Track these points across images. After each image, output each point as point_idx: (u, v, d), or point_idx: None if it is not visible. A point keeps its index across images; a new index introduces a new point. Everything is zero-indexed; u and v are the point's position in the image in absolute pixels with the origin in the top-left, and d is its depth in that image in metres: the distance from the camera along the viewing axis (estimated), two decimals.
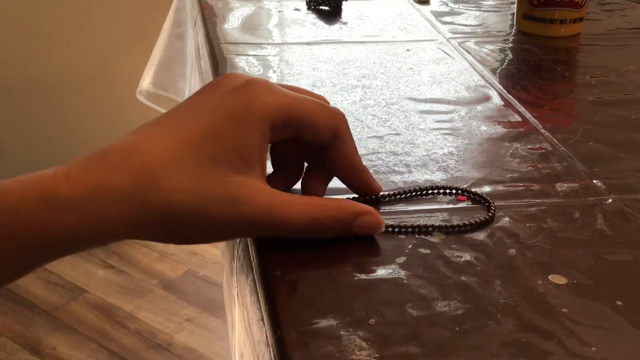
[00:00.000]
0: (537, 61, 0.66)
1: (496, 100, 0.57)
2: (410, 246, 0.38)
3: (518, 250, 0.38)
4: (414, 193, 0.43)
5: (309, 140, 0.37)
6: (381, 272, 0.35)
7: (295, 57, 0.65)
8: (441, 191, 0.43)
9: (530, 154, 0.48)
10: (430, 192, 0.43)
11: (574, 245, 0.38)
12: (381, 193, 0.42)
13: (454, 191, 0.43)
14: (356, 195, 0.41)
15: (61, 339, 1.59)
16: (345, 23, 0.74)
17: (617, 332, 0.32)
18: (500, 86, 0.60)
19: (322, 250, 0.37)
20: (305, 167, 0.41)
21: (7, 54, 1.79)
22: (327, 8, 0.78)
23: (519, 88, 0.59)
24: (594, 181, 0.45)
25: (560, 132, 0.52)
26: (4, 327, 1.60)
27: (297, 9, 0.78)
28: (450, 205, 0.42)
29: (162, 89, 1.03)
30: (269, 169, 0.41)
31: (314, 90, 0.57)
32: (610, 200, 0.43)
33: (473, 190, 0.43)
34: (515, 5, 0.74)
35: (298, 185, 0.41)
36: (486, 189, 0.44)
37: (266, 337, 0.33)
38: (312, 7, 0.78)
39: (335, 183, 0.41)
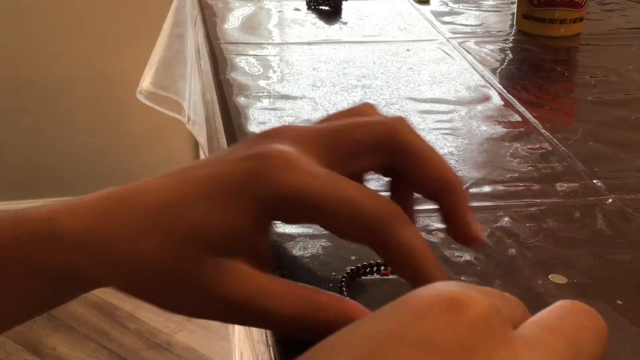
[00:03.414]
0: (537, 61, 0.66)
1: (496, 100, 0.57)
2: None
3: (518, 250, 0.38)
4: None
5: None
6: None
7: (295, 57, 0.65)
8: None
9: (530, 154, 0.48)
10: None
11: (574, 245, 0.38)
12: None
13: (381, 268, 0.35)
14: None
15: (61, 339, 1.59)
16: (345, 23, 0.74)
17: (617, 332, 0.32)
18: (500, 86, 0.60)
19: (320, 248, 0.37)
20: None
21: (7, 54, 1.79)
22: (327, 8, 0.78)
23: (519, 88, 0.59)
24: (594, 181, 0.45)
25: (560, 132, 0.52)
26: None
27: (297, 9, 0.78)
28: None
29: (162, 89, 1.04)
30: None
31: (314, 90, 0.58)
32: (610, 200, 0.43)
33: None
34: (515, 5, 0.74)
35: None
36: (486, 188, 0.44)
37: (266, 337, 0.33)
38: (312, 7, 0.78)
39: None
